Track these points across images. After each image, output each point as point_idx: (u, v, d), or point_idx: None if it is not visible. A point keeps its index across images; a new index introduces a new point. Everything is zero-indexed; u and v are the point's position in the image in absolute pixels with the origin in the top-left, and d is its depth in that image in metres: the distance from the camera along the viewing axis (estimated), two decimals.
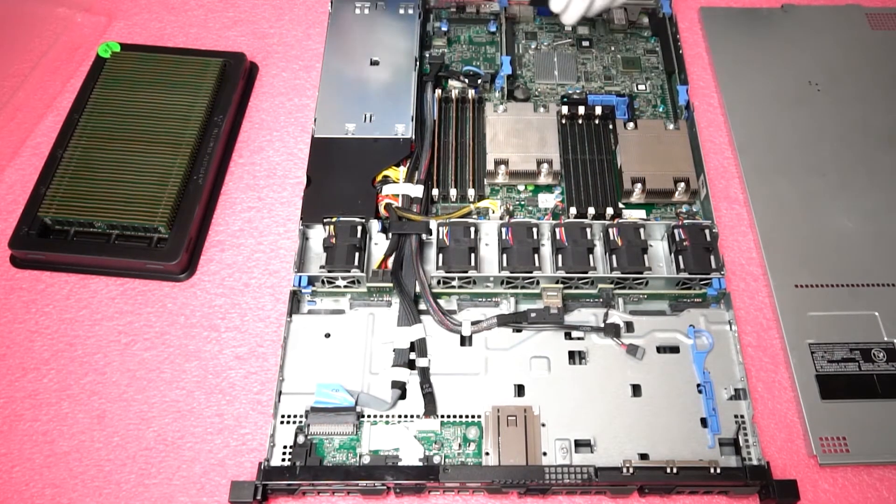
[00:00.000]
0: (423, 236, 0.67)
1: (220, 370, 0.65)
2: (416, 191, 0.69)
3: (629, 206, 0.72)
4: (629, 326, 0.65)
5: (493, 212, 0.71)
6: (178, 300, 0.69)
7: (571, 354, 0.64)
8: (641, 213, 0.72)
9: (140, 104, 0.76)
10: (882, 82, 0.82)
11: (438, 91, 0.78)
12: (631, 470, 0.56)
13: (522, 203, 0.73)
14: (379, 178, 0.70)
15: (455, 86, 0.79)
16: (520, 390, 0.62)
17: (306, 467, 0.58)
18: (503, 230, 0.66)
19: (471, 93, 0.78)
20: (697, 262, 0.65)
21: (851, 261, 0.70)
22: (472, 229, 0.66)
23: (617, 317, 0.65)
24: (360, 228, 0.66)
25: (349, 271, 0.64)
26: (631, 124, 0.74)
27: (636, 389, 0.62)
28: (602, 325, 0.64)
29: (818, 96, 0.81)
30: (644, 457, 0.59)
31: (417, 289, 0.65)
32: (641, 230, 0.66)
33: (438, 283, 0.65)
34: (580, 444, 0.59)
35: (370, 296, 0.66)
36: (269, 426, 0.60)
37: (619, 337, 0.64)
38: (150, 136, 0.74)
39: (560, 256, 0.65)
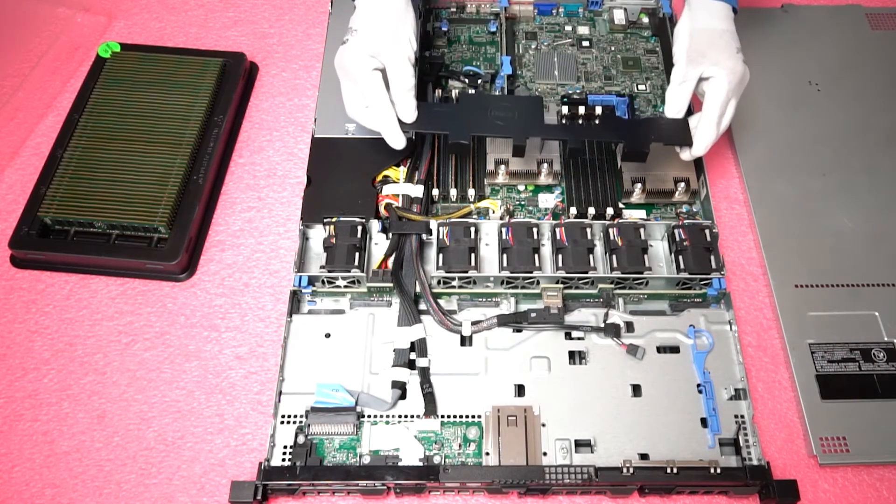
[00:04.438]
0: (424, 236, 0.67)
1: (220, 370, 0.65)
2: (417, 191, 0.69)
3: (629, 206, 0.72)
4: (629, 326, 0.65)
5: (493, 212, 0.71)
6: (178, 300, 0.69)
7: (571, 354, 0.64)
8: (641, 213, 0.72)
9: (140, 104, 0.76)
10: (882, 82, 0.82)
11: (438, 91, 0.78)
12: (631, 470, 0.56)
13: (522, 203, 0.73)
14: (379, 178, 0.70)
15: (455, 86, 0.79)
16: (520, 390, 0.62)
17: (306, 467, 0.58)
18: (503, 230, 0.66)
19: (471, 93, 0.78)
20: (697, 262, 0.65)
21: (851, 261, 0.70)
22: (472, 229, 0.66)
23: (617, 317, 0.65)
24: (360, 228, 0.66)
25: (349, 271, 0.64)
26: None
27: (636, 389, 0.62)
28: (602, 325, 0.64)
29: (818, 96, 0.81)
30: (644, 457, 0.59)
31: (417, 289, 0.65)
32: (641, 230, 0.66)
33: (438, 283, 0.65)
34: (580, 444, 0.60)
35: (370, 296, 0.66)
36: (269, 426, 0.60)
37: (619, 337, 0.64)
38: (150, 136, 0.74)
39: (560, 256, 0.65)
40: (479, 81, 0.79)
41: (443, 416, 0.61)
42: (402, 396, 0.61)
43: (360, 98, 0.65)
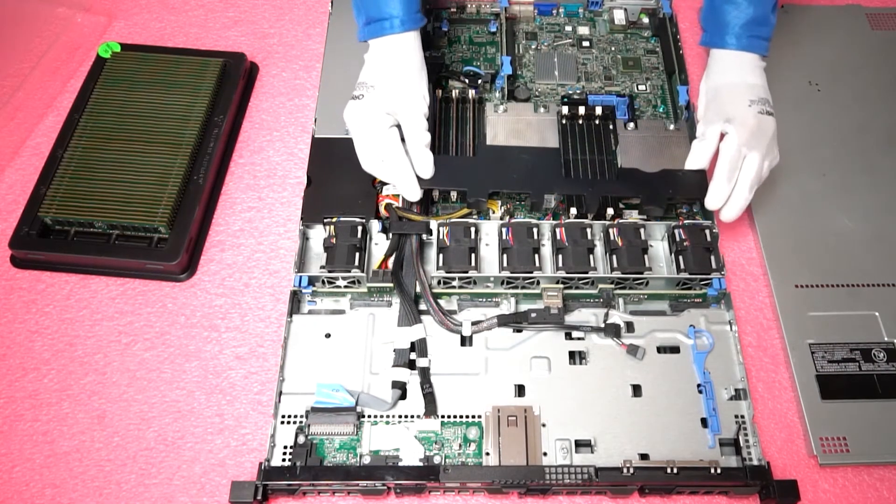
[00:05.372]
0: (424, 236, 0.67)
1: (221, 370, 0.65)
2: None
3: (629, 206, 0.72)
4: (629, 326, 0.65)
5: (494, 212, 0.71)
6: (179, 300, 0.69)
7: (572, 354, 0.64)
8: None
9: (140, 104, 0.76)
10: (882, 82, 0.82)
11: (438, 91, 0.78)
12: (631, 470, 0.56)
13: (522, 203, 0.73)
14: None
15: (455, 86, 0.79)
16: (520, 390, 0.62)
17: (306, 467, 0.58)
18: (503, 230, 0.66)
19: (471, 93, 0.78)
20: (697, 263, 0.65)
21: (851, 261, 0.70)
22: (473, 229, 0.66)
23: (617, 317, 0.65)
24: (360, 228, 0.66)
25: (349, 271, 0.64)
26: (631, 124, 0.74)
27: (636, 389, 0.62)
28: (602, 326, 0.64)
29: (818, 96, 0.81)
30: (644, 457, 0.59)
31: (418, 289, 0.65)
32: (642, 230, 0.66)
33: (439, 283, 0.65)
34: (580, 445, 0.60)
35: (370, 296, 0.66)
36: (269, 426, 0.60)
37: (620, 337, 0.64)
38: (150, 136, 0.74)
39: (560, 256, 0.65)
40: (480, 81, 0.79)
41: (443, 417, 0.61)
42: (403, 396, 0.61)
43: (375, 152, 0.65)
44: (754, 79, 0.67)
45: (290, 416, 0.60)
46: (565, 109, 0.75)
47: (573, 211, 0.70)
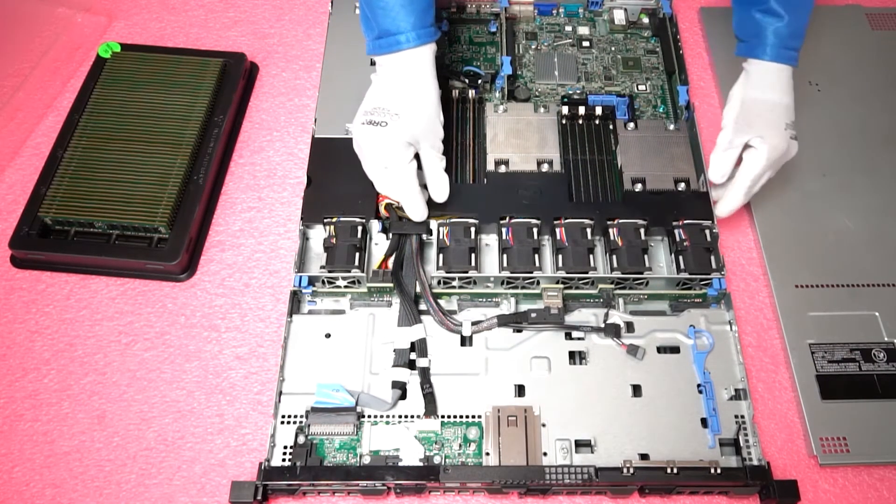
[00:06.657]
0: (424, 236, 0.67)
1: (221, 370, 0.65)
2: None
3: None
4: (629, 326, 0.65)
5: None
6: (179, 300, 0.69)
7: (572, 354, 0.64)
8: None
9: (140, 104, 0.76)
10: (882, 82, 0.82)
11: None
12: (631, 470, 0.56)
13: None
14: None
15: (455, 86, 0.79)
16: (520, 390, 0.62)
17: (306, 467, 0.58)
18: (503, 230, 0.66)
19: (471, 93, 0.78)
20: (698, 263, 0.65)
21: (851, 261, 0.70)
22: (473, 229, 0.66)
23: (617, 317, 0.65)
24: (360, 228, 0.66)
25: (349, 271, 0.64)
26: (631, 124, 0.74)
27: (636, 389, 0.62)
28: (602, 326, 0.64)
29: (818, 96, 0.81)
30: (644, 457, 0.59)
31: (418, 289, 0.65)
32: (642, 230, 0.66)
33: (439, 283, 0.65)
34: (580, 445, 0.60)
35: (370, 296, 0.66)
36: (269, 426, 0.60)
37: (620, 337, 0.64)
38: (150, 136, 0.74)
39: (560, 256, 0.65)
40: (480, 81, 0.79)
41: (443, 417, 0.61)
42: (403, 397, 0.61)
43: (390, 181, 0.64)
44: (790, 99, 0.66)
45: (290, 416, 0.60)
46: (565, 109, 0.75)
47: None
